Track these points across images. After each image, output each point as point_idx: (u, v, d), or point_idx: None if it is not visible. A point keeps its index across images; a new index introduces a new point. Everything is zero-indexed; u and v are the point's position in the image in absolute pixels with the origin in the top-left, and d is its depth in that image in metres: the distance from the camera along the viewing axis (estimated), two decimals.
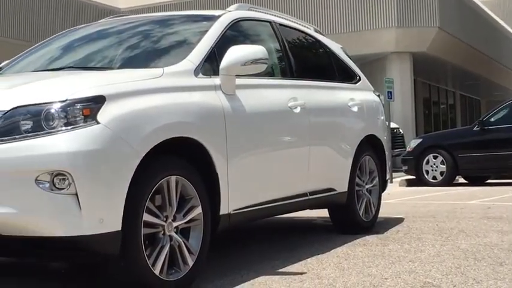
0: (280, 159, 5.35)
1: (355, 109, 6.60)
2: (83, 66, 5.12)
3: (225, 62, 4.73)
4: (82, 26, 6.19)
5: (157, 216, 4.05)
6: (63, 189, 3.57)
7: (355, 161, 6.43)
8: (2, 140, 3.63)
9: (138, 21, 5.85)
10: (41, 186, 3.56)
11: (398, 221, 7.53)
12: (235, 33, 5.34)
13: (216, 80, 4.72)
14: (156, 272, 3.98)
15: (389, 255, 5.31)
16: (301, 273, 4.69)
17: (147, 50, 5.23)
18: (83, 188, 3.58)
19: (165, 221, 4.11)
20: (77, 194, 3.57)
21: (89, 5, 21.60)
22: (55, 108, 3.68)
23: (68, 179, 3.57)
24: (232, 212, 4.67)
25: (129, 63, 4.99)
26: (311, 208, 6.29)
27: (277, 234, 6.96)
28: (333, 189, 6.13)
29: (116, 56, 5.19)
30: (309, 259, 5.20)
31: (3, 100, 3.79)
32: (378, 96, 7.48)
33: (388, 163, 7.40)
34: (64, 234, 3.61)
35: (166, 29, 5.52)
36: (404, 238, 6.18)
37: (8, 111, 3.69)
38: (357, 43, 21.58)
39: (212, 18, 5.28)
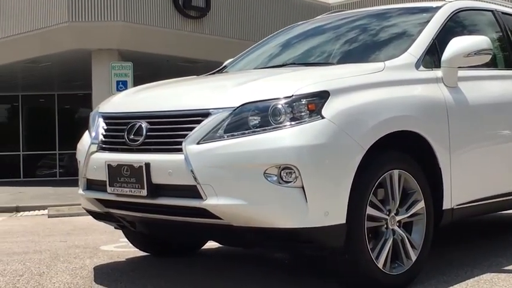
0: (505, 153, 5.12)
1: None
2: (304, 62, 5.23)
3: (447, 53, 4.64)
4: (298, 23, 6.32)
5: (380, 210, 4.06)
6: (290, 182, 3.68)
7: None
8: (232, 135, 3.81)
9: (355, 16, 5.86)
10: (269, 179, 3.69)
11: None
12: (455, 24, 5.19)
13: (437, 73, 4.64)
14: (380, 265, 3.99)
15: None
16: None
17: (365, 44, 5.24)
18: (309, 181, 3.67)
19: (388, 215, 4.11)
20: (303, 187, 3.67)
21: (300, 3, 21.98)
22: (281, 103, 3.80)
23: (294, 172, 3.67)
24: (455, 207, 4.56)
25: (349, 57, 5.04)
26: None
27: (501, 230, 6.70)
28: None
29: (335, 51, 5.25)
30: None
31: (232, 97, 3.98)
32: None
33: None
34: (291, 226, 3.72)
35: (384, 22, 5.48)
36: None
37: (237, 107, 3.86)
38: None
39: (431, 10, 5.17)
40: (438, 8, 5.17)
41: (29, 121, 26.31)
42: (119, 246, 6.24)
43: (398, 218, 4.16)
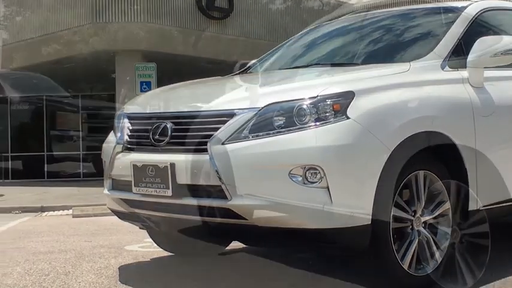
0: None
1: None
2: (328, 62, 5.21)
3: (473, 54, 4.60)
4: (322, 24, 6.30)
5: (405, 211, 4.05)
6: (315, 182, 3.68)
7: None
8: (257, 136, 3.82)
9: (379, 16, 5.84)
10: (294, 179, 3.70)
11: None
12: (481, 24, 5.14)
13: (463, 73, 4.61)
14: (405, 266, 3.98)
15: None
16: None
17: (390, 44, 5.21)
18: (334, 181, 3.67)
19: (413, 216, 4.09)
20: (328, 188, 3.66)
21: (324, 3, 21.91)
22: (306, 104, 3.80)
23: (319, 173, 3.67)
24: (481, 208, 4.53)
25: (374, 58, 5.01)
26: None
27: None
28: None
29: (359, 52, 5.23)
30: None
31: (257, 97, 3.99)
32: None
33: None
34: (316, 226, 3.72)
35: (409, 22, 5.46)
36: None
37: (262, 108, 3.87)
38: None
39: (457, 10, 5.13)
40: (464, 7, 5.13)
41: (53, 122, 26.47)
42: (143, 246, 6.26)
43: (423, 219, 4.14)
